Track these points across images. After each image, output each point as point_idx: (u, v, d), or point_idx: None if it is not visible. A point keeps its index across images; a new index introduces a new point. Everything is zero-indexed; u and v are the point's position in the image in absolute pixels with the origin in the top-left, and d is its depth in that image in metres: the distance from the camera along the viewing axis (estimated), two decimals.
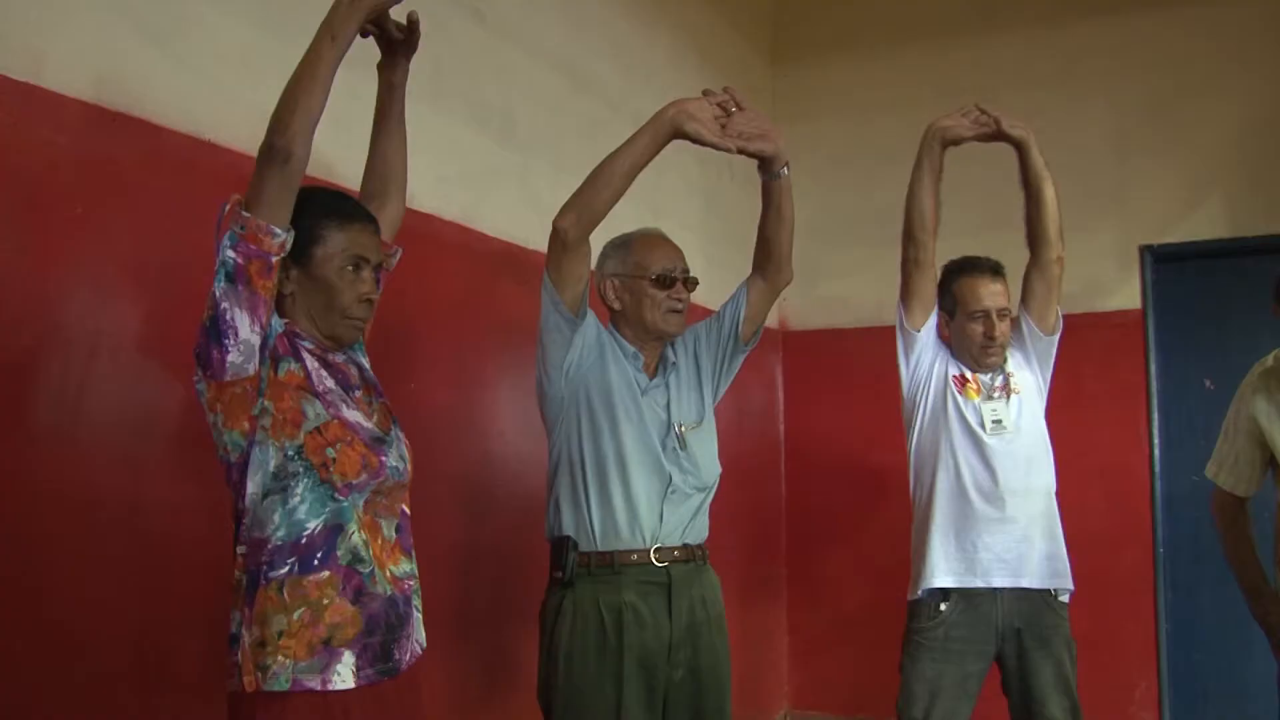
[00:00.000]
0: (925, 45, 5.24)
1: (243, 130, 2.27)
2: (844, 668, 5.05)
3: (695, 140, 2.31)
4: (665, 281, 2.54)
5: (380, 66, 2.09)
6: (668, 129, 2.31)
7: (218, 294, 1.67)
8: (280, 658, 1.69)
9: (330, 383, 1.84)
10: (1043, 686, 2.90)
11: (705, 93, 2.37)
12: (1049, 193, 3.00)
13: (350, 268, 1.85)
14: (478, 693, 3.08)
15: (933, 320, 3.08)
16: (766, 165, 2.50)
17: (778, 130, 2.45)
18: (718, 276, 2.78)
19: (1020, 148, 2.99)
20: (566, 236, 2.34)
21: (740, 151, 2.39)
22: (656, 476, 2.47)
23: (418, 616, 1.91)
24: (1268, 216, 2.81)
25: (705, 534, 2.59)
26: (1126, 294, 4.83)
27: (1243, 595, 2.86)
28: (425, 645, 1.93)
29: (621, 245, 2.62)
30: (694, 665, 2.47)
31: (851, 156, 5.24)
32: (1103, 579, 4.47)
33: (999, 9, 5.19)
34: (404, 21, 2.02)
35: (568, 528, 2.45)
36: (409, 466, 1.93)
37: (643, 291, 2.55)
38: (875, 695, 3.06)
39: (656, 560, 2.44)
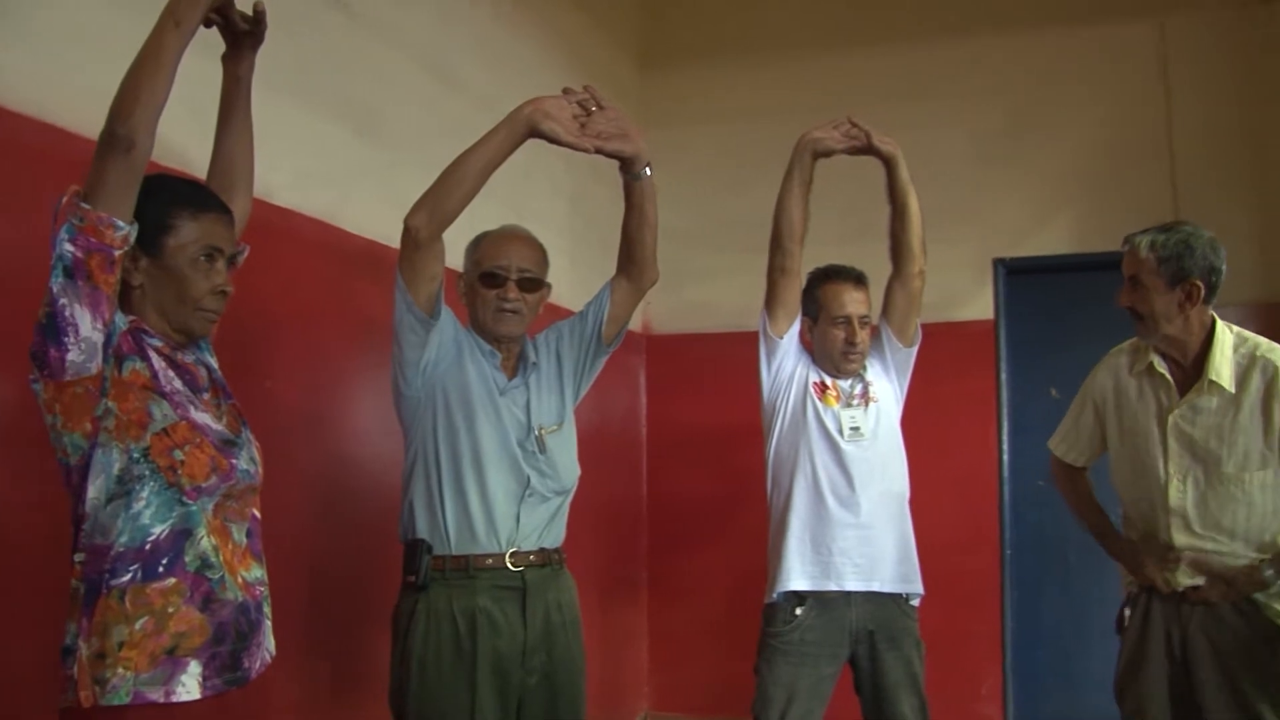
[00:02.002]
0: (794, 56, 5.33)
1: (93, 115, 2.17)
2: (705, 670, 5.09)
3: (551, 140, 2.28)
4: (494, 280, 2.52)
5: (225, 58, 2.00)
6: (524, 127, 2.27)
7: (55, 290, 1.59)
8: (120, 670, 1.62)
9: (178, 383, 1.77)
10: (893, 686, 2.97)
11: (565, 91, 2.34)
12: (914, 208, 3.07)
13: (203, 258, 1.78)
14: (328, 700, 3.01)
15: (796, 327, 3.13)
16: (627, 166, 2.48)
17: (638, 130, 2.43)
18: (583, 279, 2.78)
19: (889, 163, 3.05)
20: (418, 234, 2.30)
21: (598, 151, 2.36)
22: (514, 478, 2.45)
23: (268, 624, 1.86)
24: (1110, 234, 2.92)
25: (562, 537, 2.59)
26: (980, 305, 5.00)
27: (1095, 539, 2.96)
28: (274, 653, 1.88)
29: (474, 243, 2.61)
30: (548, 670, 2.46)
31: (718, 163, 5.29)
32: (953, 580, 4.60)
33: (867, 24, 5.31)
34: (250, 13, 1.94)
35: (422, 530, 2.42)
36: (260, 469, 1.88)
37: (476, 289, 2.53)
38: (736, 697, 3.10)
39: (512, 564, 2.42)
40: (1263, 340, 2.69)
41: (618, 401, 5.13)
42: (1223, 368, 2.64)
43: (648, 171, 2.50)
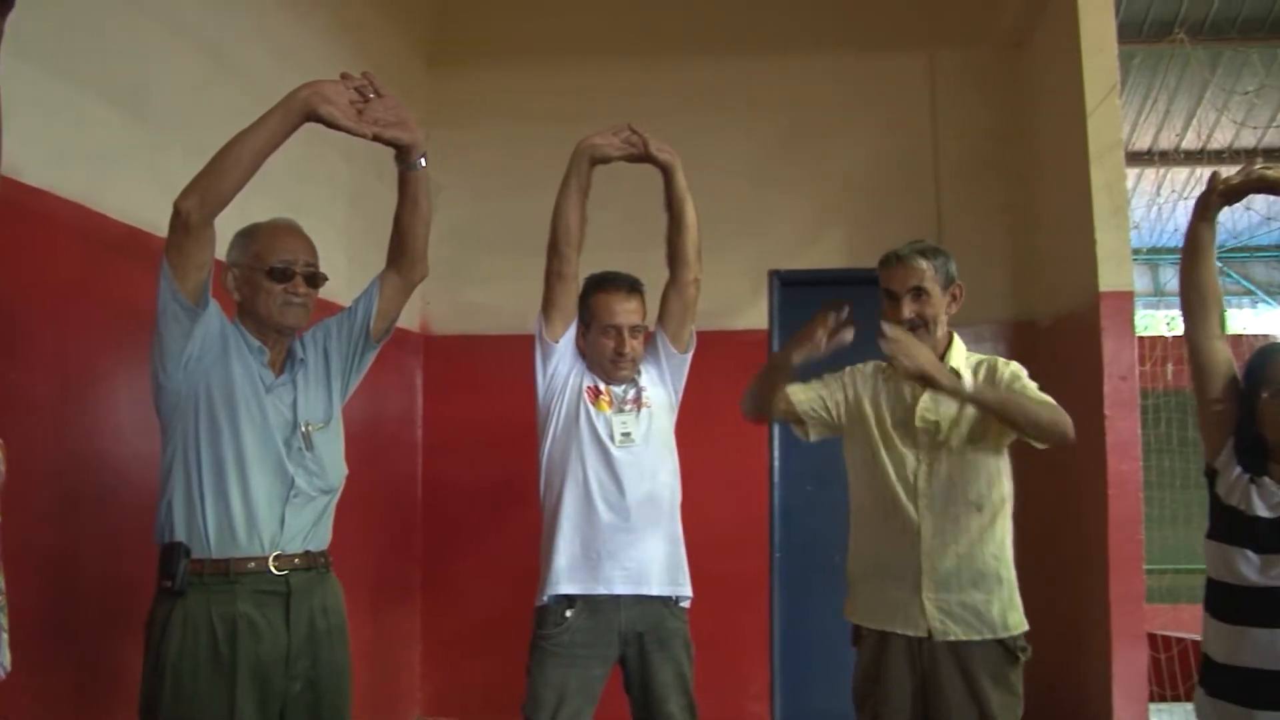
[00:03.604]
0: (583, 62, 5.38)
1: None
2: (479, 673, 5.05)
3: (329, 124, 2.24)
4: (282, 274, 2.44)
5: None
6: (300, 111, 2.23)
7: None
8: None
9: None
10: (662, 686, 3.02)
11: (343, 76, 2.31)
12: (690, 217, 3.13)
13: None
14: (72, 717, 2.82)
15: (571, 332, 3.15)
16: (404, 155, 2.47)
17: (415, 119, 2.42)
18: (361, 276, 2.71)
19: (666, 171, 3.10)
20: (189, 219, 2.21)
21: (376, 138, 2.34)
22: (278, 479, 2.38)
23: (4, 636, 1.73)
24: (879, 251, 3.08)
25: (328, 540, 2.53)
26: (755, 314, 5.16)
27: (770, 366, 3.04)
28: (9, 668, 1.75)
29: (247, 234, 2.51)
30: (313, 677, 2.39)
31: (504, 165, 5.28)
32: (724, 582, 4.72)
33: (656, 35, 5.42)
34: None
35: (180, 533, 2.31)
36: (2, 467, 1.75)
37: (259, 283, 2.44)
38: (510, 699, 3.08)
39: (275, 568, 2.35)
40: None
41: (393, 402, 5.04)
42: (960, 363, 2.87)
43: (423, 162, 2.49)
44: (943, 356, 2.88)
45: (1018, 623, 2.83)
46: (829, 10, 5.44)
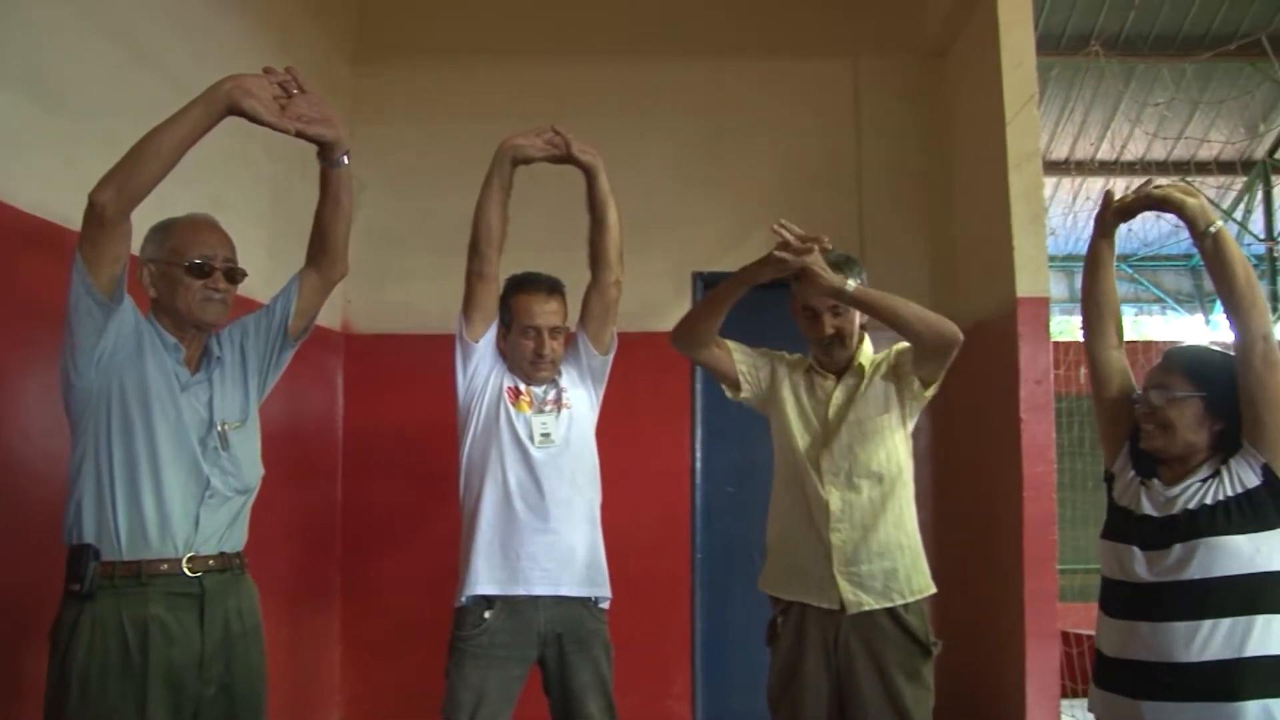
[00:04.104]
0: (508, 62, 5.35)
1: None
2: (401, 676, 5.00)
3: (251, 118, 2.21)
4: (201, 270, 2.41)
5: None
6: (222, 104, 2.20)
7: None
8: None
9: None
10: (581, 687, 3.03)
11: (266, 70, 2.29)
12: (613, 218, 3.14)
13: None
14: None
15: (492, 332, 3.15)
16: (326, 152, 2.45)
17: (338, 116, 2.41)
18: (282, 273, 2.67)
19: (589, 173, 3.10)
20: (104, 212, 2.16)
21: (299, 135, 2.32)
22: (193, 479, 2.34)
23: None
24: None
25: (244, 540, 2.49)
26: (677, 316, 5.10)
27: (735, 281, 3.04)
28: None
29: (163, 229, 2.46)
30: (227, 681, 2.36)
31: (427, 164, 5.24)
32: (646, 583, 4.75)
33: (581, 36, 5.42)
34: None
35: (89, 534, 2.26)
36: None
37: (177, 279, 2.40)
38: (430, 702, 3.06)
39: (189, 570, 2.31)
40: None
41: (313, 401, 4.98)
42: (866, 359, 3.04)
43: (345, 160, 2.48)
44: (853, 356, 3.04)
45: (923, 585, 2.98)
46: (755, 15, 5.48)
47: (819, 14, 5.48)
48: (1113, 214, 2.59)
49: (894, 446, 3.00)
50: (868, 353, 3.09)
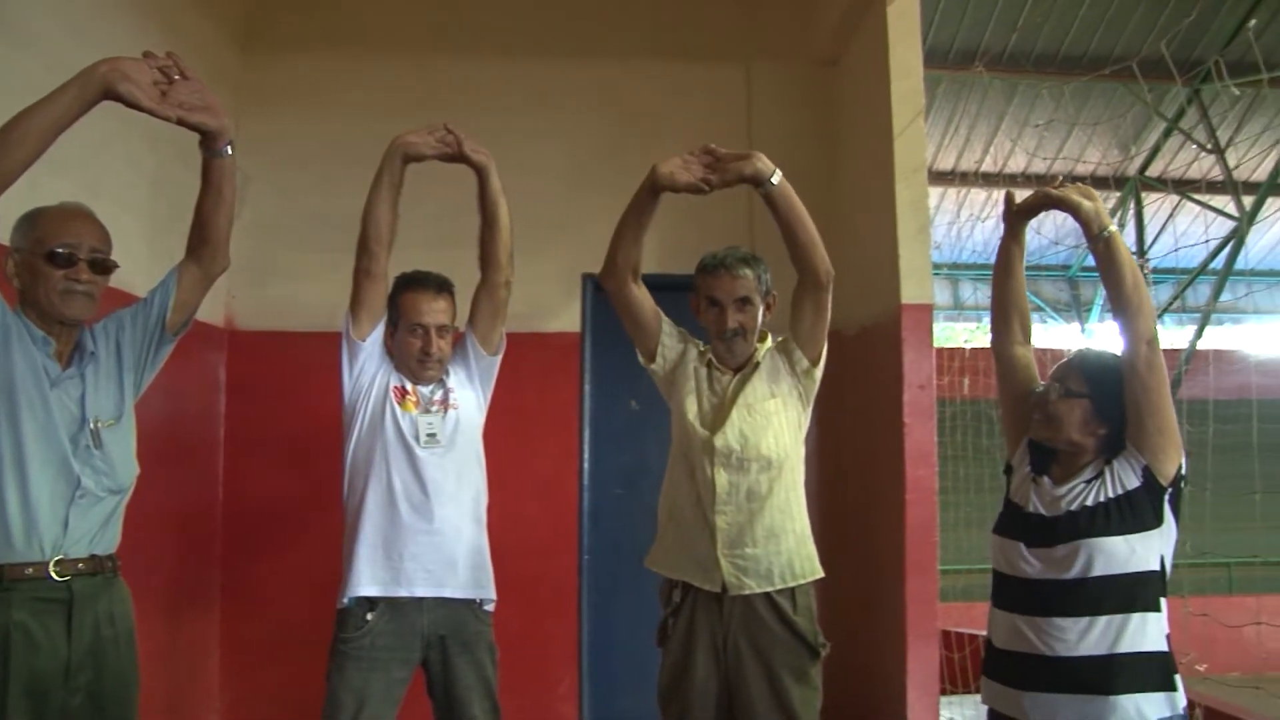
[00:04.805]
0: (402, 57, 5.28)
1: None
2: (283, 680, 4.86)
3: (129, 103, 2.15)
4: (63, 260, 2.32)
5: None
6: (97, 87, 2.13)
7: None
8: None
9: None
10: (465, 690, 3.01)
11: (145, 54, 2.22)
12: (504, 218, 3.13)
13: None
14: None
15: (379, 331, 3.12)
16: (208, 142, 2.39)
17: (222, 105, 2.35)
18: (163, 265, 2.60)
19: (480, 172, 3.09)
20: None
21: (180, 122, 2.26)
22: (63, 479, 2.27)
23: None
24: (692, 257, 3.17)
25: (117, 542, 2.42)
26: (568, 317, 5.17)
27: (644, 187, 3.09)
28: None
29: (30, 218, 2.38)
30: (95, 689, 2.29)
31: (316, 158, 5.13)
32: (533, 584, 4.75)
33: (477, 35, 5.37)
34: None
35: None
36: None
37: (39, 269, 2.32)
38: (311, 706, 3.00)
39: (56, 574, 2.23)
40: None
41: (194, 399, 4.84)
42: (762, 353, 3.07)
43: (229, 150, 2.43)
44: (753, 355, 3.08)
45: (807, 571, 3.01)
46: (651, 17, 5.50)
47: (714, 18, 5.52)
48: (1016, 214, 2.66)
49: (782, 430, 3.01)
50: (766, 349, 3.12)
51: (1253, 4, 11.29)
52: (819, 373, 3.07)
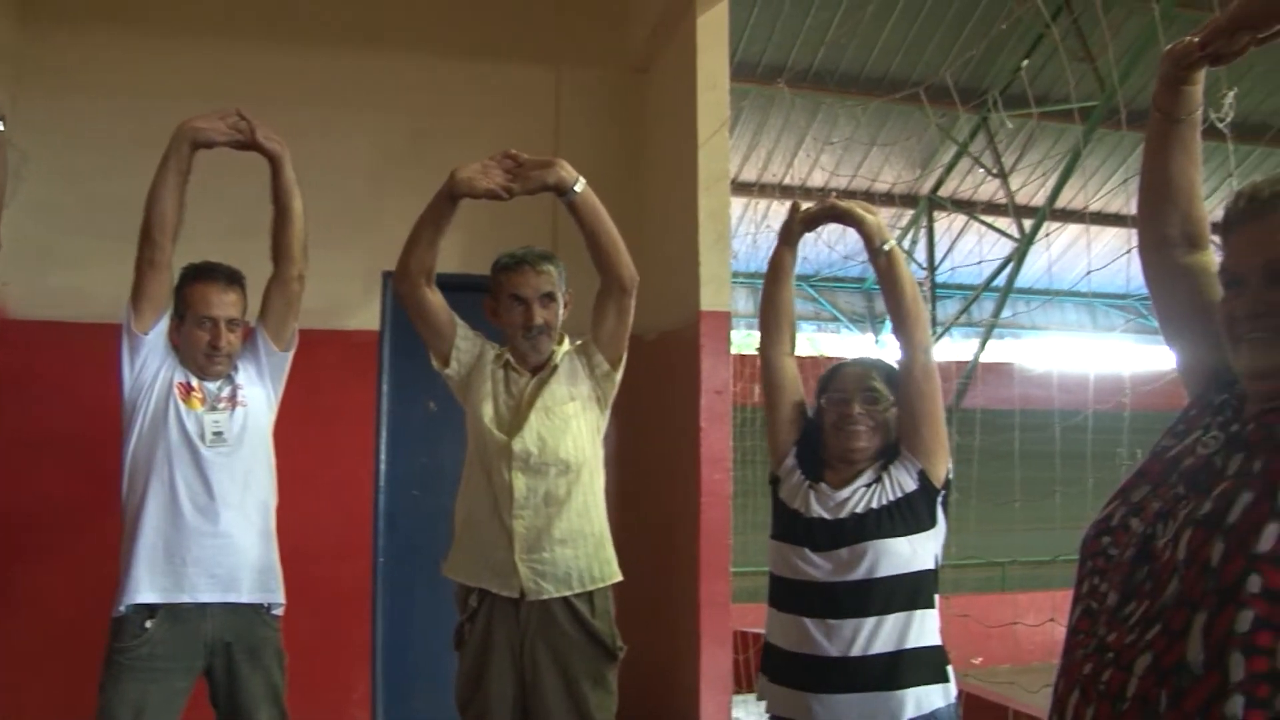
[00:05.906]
0: (199, 39, 5.06)
1: None
2: (53, 690, 4.60)
3: None
4: None
5: None
6: None
7: None
8: None
9: None
10: (252, 698, 2.93)
11: None
12: (297, 210, 3.07)
13: None
14: None
15: (163, 324, 3.00)
16: None
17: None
18: None
19: (274, 162, 3.02)
20: None
21: None
22: None
23: None
24: (490, 258, 3.16)
25: None
26: (367, 315, 5.07)
27: (442, 193, 3.08)
28: None
29: None
30: None
31: (101, 139, 4.86)
32: (326, 588, 4.62)
33: (279, 20, 5.20)
34: None
35: None
36: None
37: None
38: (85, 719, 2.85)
39: None
40: None
41: None
42: (560, 356, 3.06)
43: (0, 126, 2.32)
44: (551, 357, 3.06)
45: (606, 574, 3.02)
46: (461, 15, 5.43)
47: (525, 20, 5.50)
48: (799, 223, 2.72)
49: (581, 434, 3.01)
50: (564, 351, 3.11)
51: (1031, 45, 12.07)
52: (619, 376, 3.09)
